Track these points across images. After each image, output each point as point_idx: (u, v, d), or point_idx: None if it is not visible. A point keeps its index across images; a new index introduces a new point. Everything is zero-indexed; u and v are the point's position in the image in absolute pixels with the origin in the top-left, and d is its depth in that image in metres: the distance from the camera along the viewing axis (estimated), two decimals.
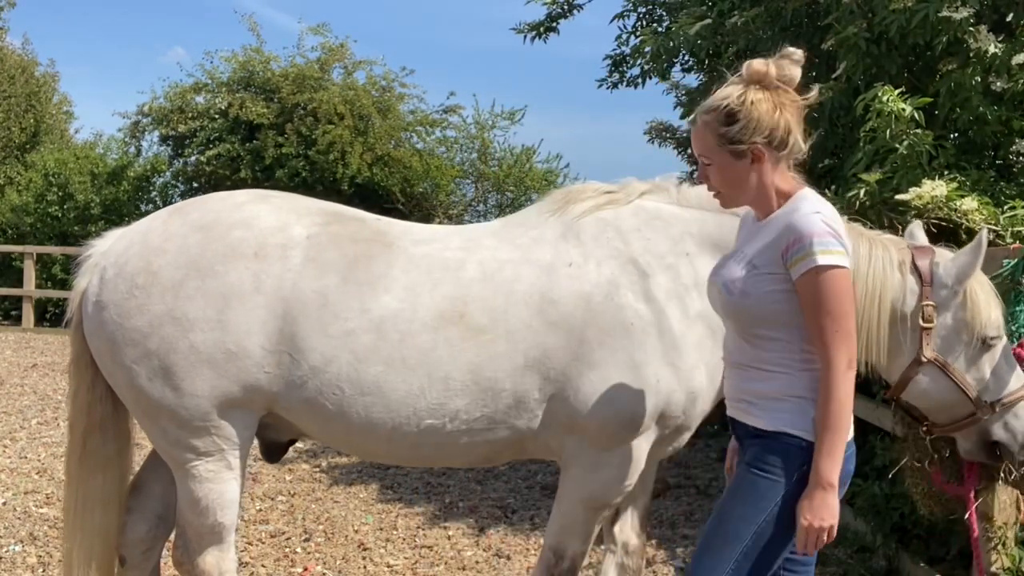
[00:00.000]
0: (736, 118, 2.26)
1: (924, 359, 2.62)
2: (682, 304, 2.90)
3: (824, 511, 2.19)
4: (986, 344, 2.69)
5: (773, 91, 2.28)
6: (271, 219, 2.94)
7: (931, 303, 2.62)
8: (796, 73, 2.32)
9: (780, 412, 2.29)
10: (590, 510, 2.99)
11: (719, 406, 2.80)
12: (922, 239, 2.88)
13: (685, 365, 2.88)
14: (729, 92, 2.29)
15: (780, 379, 2.30)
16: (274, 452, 3.20)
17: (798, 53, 2.33)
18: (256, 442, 3.14)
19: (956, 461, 2.98)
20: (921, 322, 2.62)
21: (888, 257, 2.67)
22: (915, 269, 2.66)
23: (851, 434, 2.33)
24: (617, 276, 2.91)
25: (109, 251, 2.97)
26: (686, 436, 3.10)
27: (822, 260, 2.16)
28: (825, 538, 2.21)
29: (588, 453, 2.91)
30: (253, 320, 2.80)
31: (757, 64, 2.29)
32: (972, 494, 2.95)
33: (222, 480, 2.92)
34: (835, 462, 2.18)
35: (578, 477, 2.94)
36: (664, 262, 2.95)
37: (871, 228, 2.90)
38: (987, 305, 2.69)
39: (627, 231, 2.99)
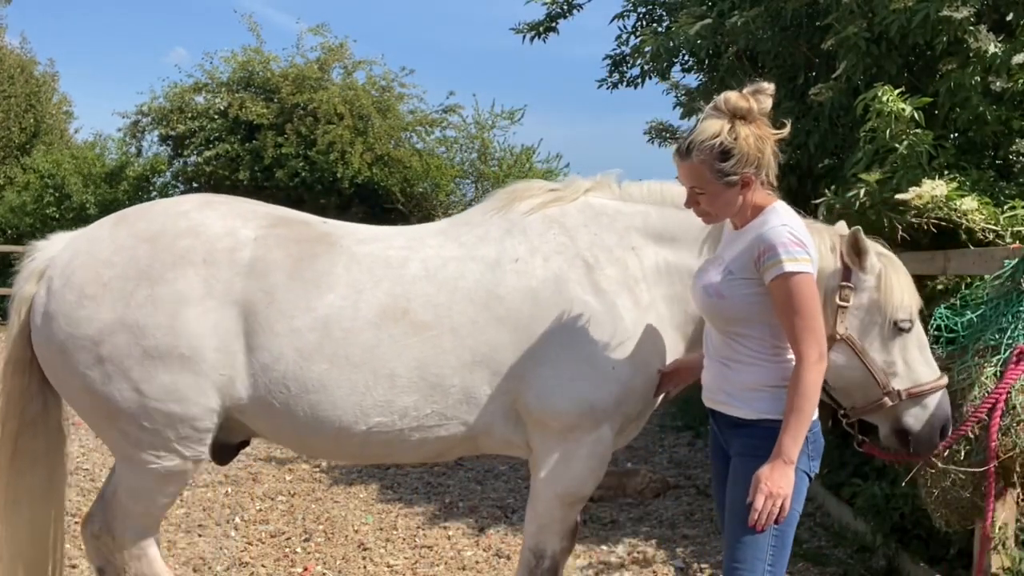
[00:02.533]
0: (731, 154, 2.47)
1: (837, 336, 2.79)
2: (632, 295, 2.96)
3: (783, 481, 2.41)
4: (898, 328, 2.82)
5: (755, 124, 2.50)
6: (218, 226, 2.95)
7: (849, 284, 2.82)
8: (769, 105, 2.53)
9: (758, 401, 2.54)
10: (566, 506, 3.01)
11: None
12: (844, 230, 2.99)
13: (641, 353, 2.93)
14: (717, 128, 2.47)
15: (754, 371, 2.55)
16: (224, 454, 3.16)
17: (771, 87, 2.54)
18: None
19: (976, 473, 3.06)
20: (838, 301, 2.80)
21: (823, 242, 2.83)
22: (837, 251, 2.86)
23: (816, 413, 2.56)
24: (565, 271, 2.93)
25: (55, 261, 2.97)
26: (641, 424, 3.17)
27: (789, 267, 2.41)
28: (778, 510, 2.41)
29: (556, 449, 2.93)
30: (205, 324, 2.82)
31: (737, 99, 2.48)
32: (991, 502, 3.02)
33: (173, 473, 2.94)
34: (797, 442, 2.42)
35: (550, 475, 2.96)
36: (612, 255, 3.00)
37: (808, 218, 2.96)
38: (900, 289, 2.83)
39: (573, 227, 3.03)
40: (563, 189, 3.16)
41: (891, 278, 2.86)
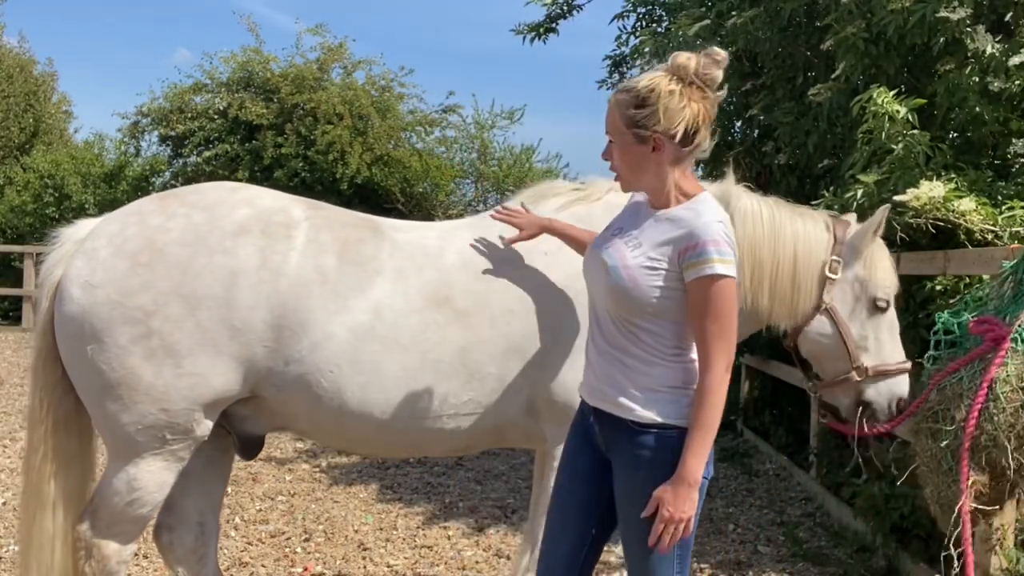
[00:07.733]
0: (645, 104, 2.27)
1: (823, 304, 3.06)
2: None
3: (686, 504, 2.24)
4: (876, 307, 3.12)
5: (688, 86, 2.28)
6: (271, 201, 2.99)
7: (838, 258, 3.07)
8: (717, 74, 2.31)
9: (654, 404, 2.31)
10: None
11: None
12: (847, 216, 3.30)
13: None
14: (647, 78, 2.30)
15: (653, 371, 2.32)
16: (250, 448, 3.10)
17: (722, 54, 2.32)
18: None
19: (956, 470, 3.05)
20: (828, 272, 3.07)
21: (816, 224, 3.12)
22: (831, 230, 3.13)
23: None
24: None
25: (96, 234, 2.87)
26: None
27: (719, 269, 2.22)
28: (681, 531, 2.25)
29: None
30: (259, 295, 2.79)
31: (682, 57, 2.29)
32: (965, 489, 3.00)
33: (168, 471, 2.87)
34: (701, 460, 2.24)
35: None
36: None
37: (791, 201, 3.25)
38: (885, 270, 3.14)
39: (599, 225, 3.06)
40: (587, 188, 3.26)
41: (877, 257, 3.12)
